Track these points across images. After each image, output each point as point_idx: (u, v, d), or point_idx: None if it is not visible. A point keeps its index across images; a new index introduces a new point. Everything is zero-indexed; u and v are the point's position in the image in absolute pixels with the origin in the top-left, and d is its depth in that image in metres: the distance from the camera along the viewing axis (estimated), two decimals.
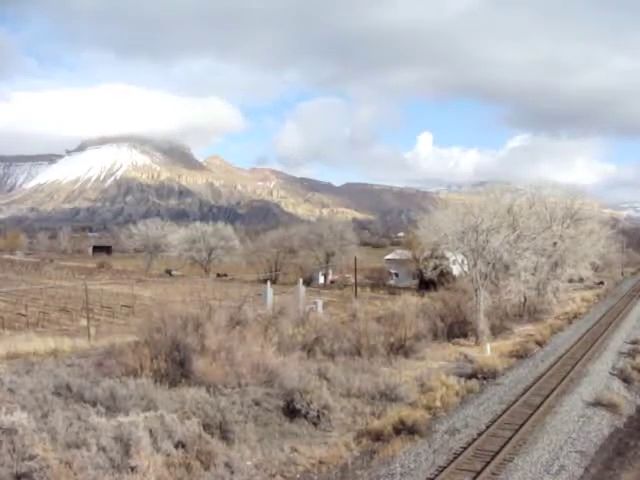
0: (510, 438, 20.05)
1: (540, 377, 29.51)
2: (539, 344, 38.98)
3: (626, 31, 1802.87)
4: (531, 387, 27.39)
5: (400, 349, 33.67)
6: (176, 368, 24.59)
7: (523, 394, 26.05)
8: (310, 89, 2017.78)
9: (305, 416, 21.25)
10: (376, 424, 20.84)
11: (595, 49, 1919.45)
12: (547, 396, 25.42)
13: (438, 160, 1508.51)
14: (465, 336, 40.54)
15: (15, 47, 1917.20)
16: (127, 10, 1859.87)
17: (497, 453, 18.70)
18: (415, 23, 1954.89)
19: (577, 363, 33.16)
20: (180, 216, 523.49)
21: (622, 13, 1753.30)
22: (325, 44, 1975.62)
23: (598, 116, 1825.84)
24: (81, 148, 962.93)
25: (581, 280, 67.93)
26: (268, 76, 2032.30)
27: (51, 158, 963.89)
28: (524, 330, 46.41)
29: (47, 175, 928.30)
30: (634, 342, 40.29)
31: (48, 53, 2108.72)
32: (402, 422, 20.20)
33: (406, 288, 78.37)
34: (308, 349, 32.15)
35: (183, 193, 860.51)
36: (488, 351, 36.04)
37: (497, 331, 42.39)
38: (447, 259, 55.69)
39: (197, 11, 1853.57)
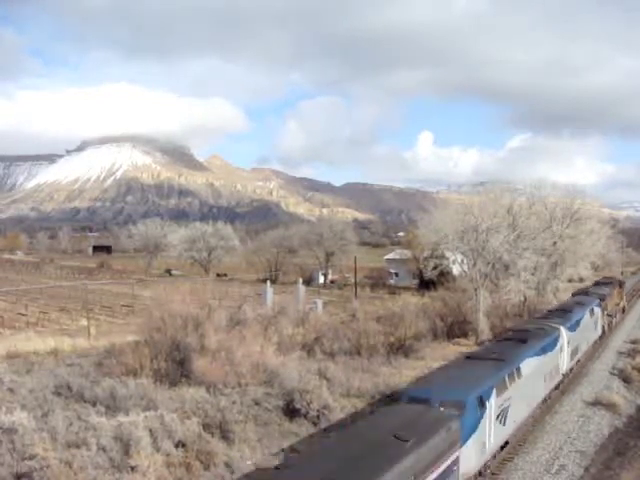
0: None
1: None
2: None
3: (630, 31, 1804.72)
4: None
5: (400, 349, 33.66)
6: (176, 368, 24.61)
7: None
8: (313, 89, 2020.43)
9: (305, 416, 21.26)
10: None
11: (598, 49, 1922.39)
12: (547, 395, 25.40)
13: (438, 160, 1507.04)
14: (465, 336, 40.50)
15: (21, 47, 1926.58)
16: (133, 10, 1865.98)
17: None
18: (417, 24, 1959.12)
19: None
20: (180, 216, 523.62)
21: (626, 13, 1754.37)
22: (328, 45, 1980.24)
23: (599, 116, 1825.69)
24: (81, 148, 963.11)
25: (581, 280, 67.91)
26: (272, 77, 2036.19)
27: (51, 158, 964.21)
28: None
29: (47, 175, 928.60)
30: (634, 342, 40.33)
31: (53, 53, 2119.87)
32: None
33: (406, 288, 78.28)
34: (308, 349, 32.16)
35: (183, 193, 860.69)
36: None
37: (497, 331, 42.34)
38: (447, 259, 55.62)
39: (202, 12, 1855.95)
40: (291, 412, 21.62)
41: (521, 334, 25.07)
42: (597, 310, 37.82)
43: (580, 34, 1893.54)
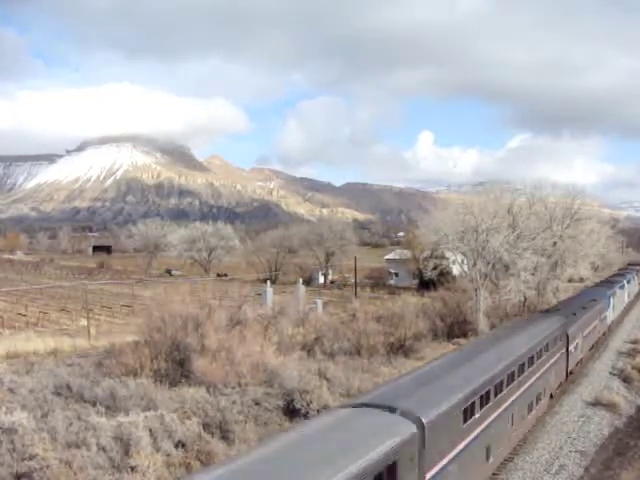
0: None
1: None
2: None
3: (630, 31, 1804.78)
4: None
5: (400, 349, 33.65)
6: (176, 368, 24.60)
7: None
8: (313, 89, 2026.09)
9: (305, 416, 21.23)
10: None
11: (598, 49, 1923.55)
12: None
13: (438, 160, 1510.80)
14: (465, 336, 40.44)
15: (22, 47, 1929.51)
16: (134, 11, 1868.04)
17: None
18: (418, 24, 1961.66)
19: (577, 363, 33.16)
20: (180, 216, 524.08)
21: (626, 13, 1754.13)
22: (329, 45, 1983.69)
23: (599, 116, 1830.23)
24: (81, 148, 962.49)
25: (581, 280, 67.94)
26: (273, 77, 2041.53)
27: (51, 158, 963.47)
28: None
29: (47, 175, 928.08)
30: (634, 342, 40.33)
31: (54, 53, 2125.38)
32: None
33: (406, 288, 78.25)
34: (308, 349, 32.15)
35: (183, 193, 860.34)
36: None
37: None
38: (447, 259, 55.62)
39: (203, 12, 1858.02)
40: (291, 412, 21.62)
41: (610, 280, 54.75)
42: (635, 277, 68.35)
43: (580, 34, 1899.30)
